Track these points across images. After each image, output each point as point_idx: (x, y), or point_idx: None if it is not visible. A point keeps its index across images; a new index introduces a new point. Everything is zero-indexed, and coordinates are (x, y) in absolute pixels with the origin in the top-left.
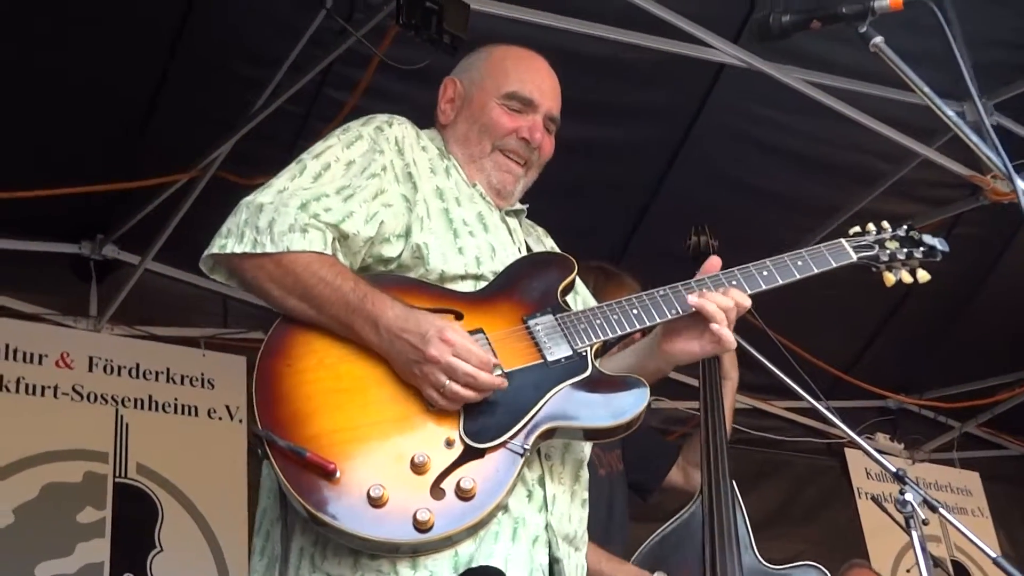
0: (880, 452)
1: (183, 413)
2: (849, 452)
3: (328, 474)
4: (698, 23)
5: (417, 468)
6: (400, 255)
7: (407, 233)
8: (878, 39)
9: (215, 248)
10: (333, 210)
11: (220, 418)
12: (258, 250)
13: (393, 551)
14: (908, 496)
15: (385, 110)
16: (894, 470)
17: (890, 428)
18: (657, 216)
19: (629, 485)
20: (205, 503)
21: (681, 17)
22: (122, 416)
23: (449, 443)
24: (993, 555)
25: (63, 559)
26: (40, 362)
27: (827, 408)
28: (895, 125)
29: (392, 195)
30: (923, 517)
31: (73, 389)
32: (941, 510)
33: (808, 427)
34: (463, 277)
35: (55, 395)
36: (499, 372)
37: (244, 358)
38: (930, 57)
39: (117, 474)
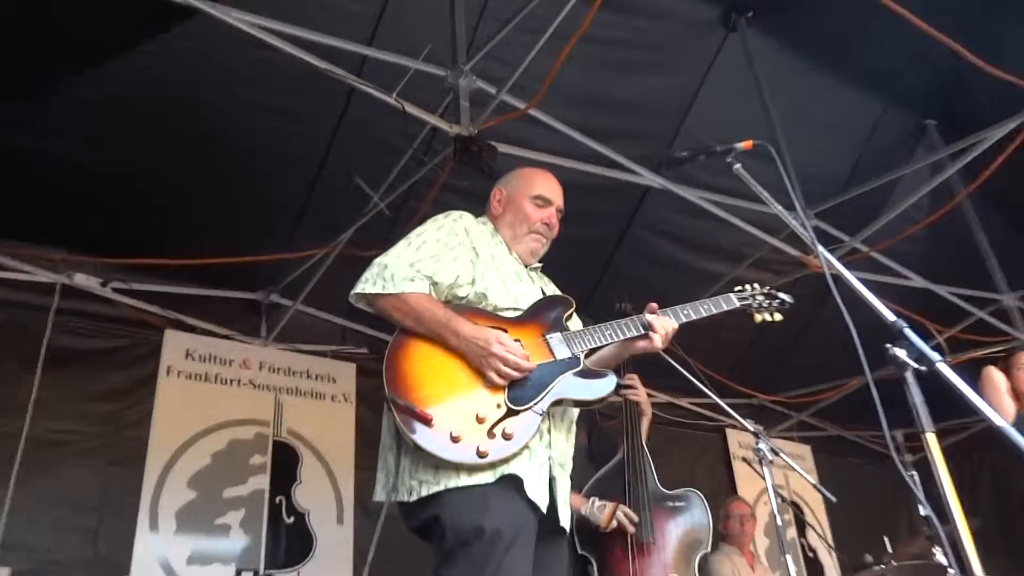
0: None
1: (316, 398)
2: (728, 431)
3: (427, 421)
4: (634, 160)
5: (479, 420)
6: (468, 295)
7: (473, 282)
8: (737, 166)
9: (358, 289)
10: (428, 267)
11: (339, 402)
12: (385, 291)
13: (458, 468)
14: (761, 445)
15: (443, 211)
16: (752, 430)
17: (754, 416)
18: (607, 282)
19: (590, 457)
20: (328, 453)
21: (624, 157)
22: (279, 399)
23: (498, 406)
24: (813, 481)
25: (240, 486)
26: (230, 364)
27: (720, 400)
28: (755, 225)
29: (464, 260)
30: (771, 459)
31: (250, 382)
32: (782, 454)
33: (702, 414)
34: (508, 309)
35: (238, 385)
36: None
37: (355, 364)
38: (777, 186)
39: (275, 435)
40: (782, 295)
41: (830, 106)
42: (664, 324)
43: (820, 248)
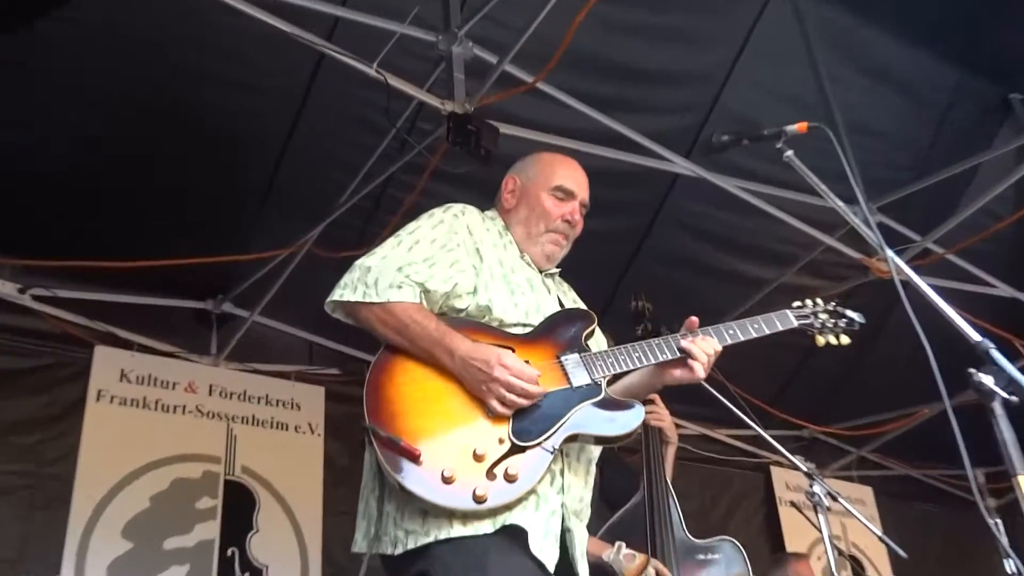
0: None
1: (277, 428)
2: (773, 469)
3: (414, 458)
4: (661, 143)
5: (478, 458)
6: (468, 307)
7: (474, 292)
8: (789, 152)
9: (335, 296)
10: (420, 273)
11: (304, 432)
12: (367, 300)
13: (451, 514)
14: (816, 488)
15: (436, 205)
16: (806, 469)
17: (804, 452)
18: (627, 287)
19: (602, 496)
20: (291, 496)
21: (649, 139)
22: (232, 429)
23: (500, 441)
24: (877, 532)
25: (184, 536)
26: (173, 387)
27: (764, 432)
28: (806, 221)
29: (464, 264)
30: (827, 504)
31: (196, 408)
32: (841, 499)
33: (742, 449)
34: (516, 324)
35: (183, 413)
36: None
37: (323, 388)
38: (834, 173)
39: (227, 473)
40: (850, 313)
41: (896, 78)
42: (705, 347)
43: (888, 250)
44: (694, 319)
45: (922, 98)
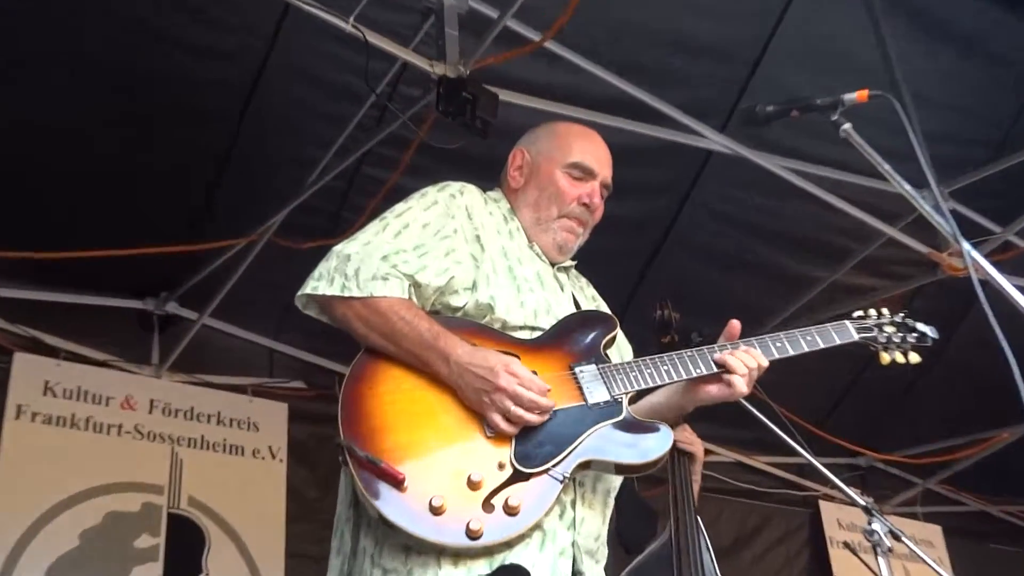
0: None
1: (231, 452)
2: (823, 504)
3: (397, 482)
4: (690, 114)
5: (473, 485)
6: (465, 305)
7: (473, 287)
8: (847, 125)
9: (308, 289)
10: (410, 263)
11: (263, 458)
12: (345, 294)
13: (440, 552)
14: (875, 526)
15: (422, 186)
16: (863, 503)
17: (860, 483)
18: (651, 283)
19: (617, 534)
20: (247, 533)
21: (677, 109)
22: (177, 453)
23: (501, 466)
24: None
25: None
26: (107, 403)
27: (814, 459)
28: (862, 208)
29: (461, 254)
30: (888, 545)
31: (135, 428)
32: (904, 538)
33: (785, 480)
34: (522, 327)
35: (119, 433)
36: None
37: (286, 404)
38: (894, 153)
39: (171, 505)
40: (922, 326)
41: (970, 38)
42: (747, 360)
43: (964, 242)
44: (735, 324)
45: (1003, 62)
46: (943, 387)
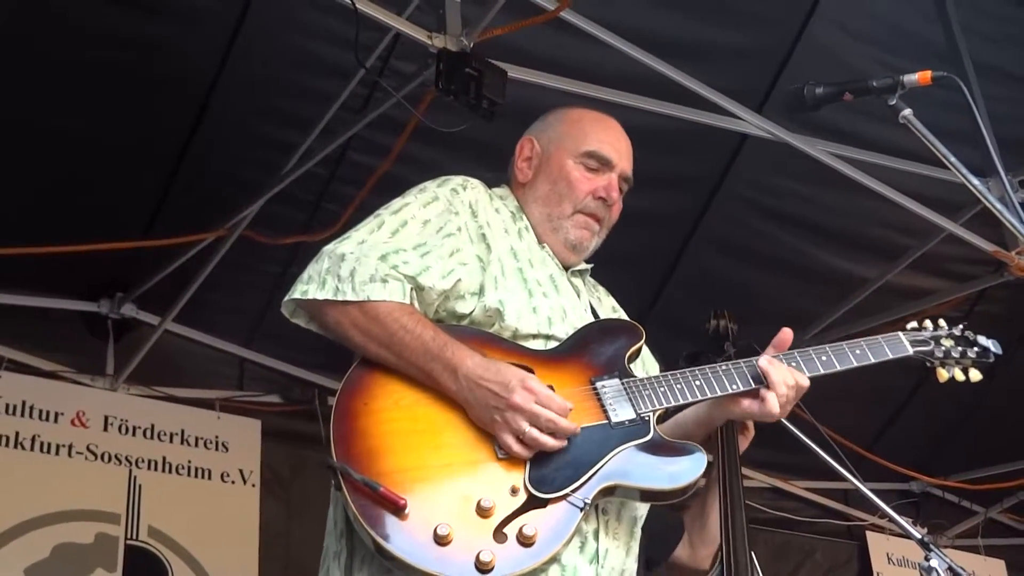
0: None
1: (196, 476)
2: (870, 535)
3: (398, 509)
4: (723, 93)
5: (483, 512)
6: (472, 312)
7: (480, 291)
8: (907, 111)
9: (296, 293)
10: (411, 263)
11: (233, 482)
12: (339, 298)
13: None
14: (934, 563)
15: (416, 176)
16: (919, 536)
17: (913, 511)
18: (677, 284)
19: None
20: (214, 568)
21: (707, 87)
22: (135, 477)
23: (514, 491)
24: None
25: None
26: (55, 420)
27: (862, 485)
28: (919, 199)
29: (467, 255)
30: None
31: (88, 448)
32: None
33: (828, 508)
34: (535, 336)
35: (69, 454)
36: None
37: (259, 421)
38: (955, 136)
39: (129, 536)
40: (984, 340)
41: None
42: (786, 377)
43: None
44: (787, 333)
45: None
46: (1008, 405)
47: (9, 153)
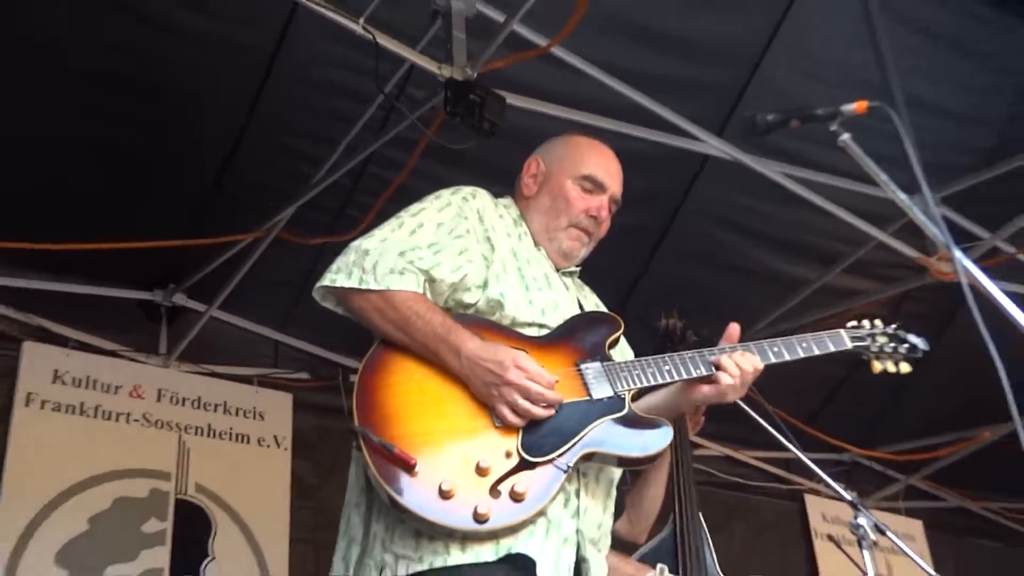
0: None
1: (237, 441)
2: (808, 497)
3: (409, 467)
4: (688, 119)
5: (481, 471)
6: (477, 302)
7: (484, 285)
8: (845, 136)
9: (327, 281)
10: (425, 259)
11: (268, 446)
12: (363, 286)
13: (449, 535)
14: (861, 520)
15: (427, 187)
16: (849, 498)
17: (844, 478)
18: (644, 294)
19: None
20: (252, 519)
21: (674, 114)
22: (184, 441)
23: (508, 455)
24: (931, 572)
25: (128, 563)
26: (116, 392)
27: (802, 453)
28: (854, 212)
29: (473, 254)
30: (873, 539)
31: (143, 416)
32: (889, 533)
33: (772, 474)
34: (530, 324)
35: (127, 421)
36: None
37: (291, 395)
38: (886, 158)
39: (178, 491)
40: (913, 338)
41: (966, 43)
42: (742, 363)
43: (955, 249)
44: (735, 327)
45: (1001, 68)
46: (929, 387)
47: (83, 165)
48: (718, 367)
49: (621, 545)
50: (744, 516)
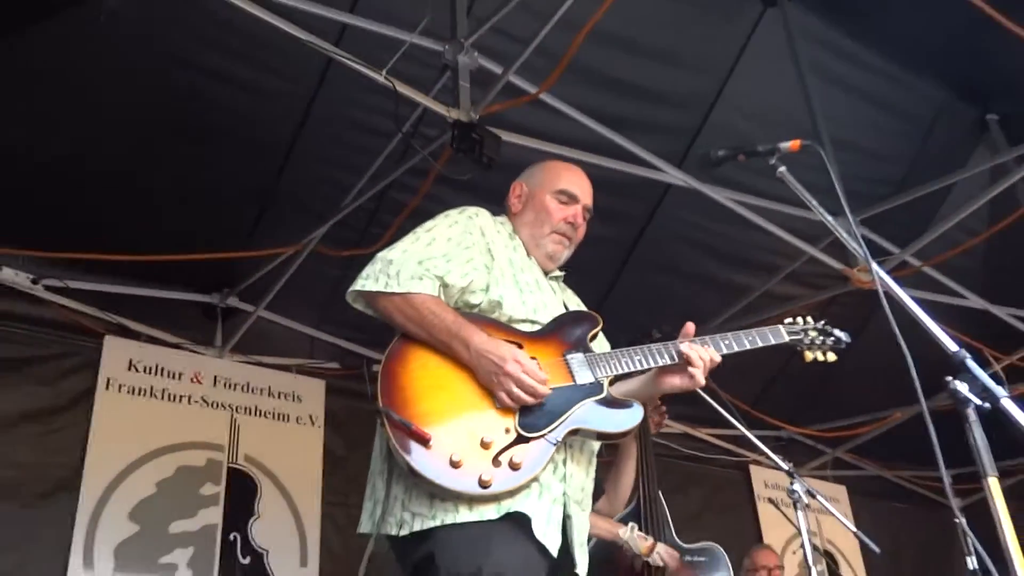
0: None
1: (279, 419)
2: (752, 468)
3: (424, 441)
4: (654, 154)
5: (485, 445)
6: (480, 303)
7: (487, 288)
8: (782, 168)
9: (358, 286)
10: (439, 267)
11: (305, 424)
12: (388, 290)
13: (458, 498)
14: (796, 486)
15: (437, 209)
16: (787, 468)
17: (782, 452)
18: (617, 297)
19: None
20: (291, 484)
21: (641, 148)
22: (235, 419)
23: (507, 431)
24: (853, 528)
25: (189, 520)
26: (179, 378)
27: (748, 431)
28: (790, 232)
29: (478, 263)
30: (805, 501)
31: (202, 398)
32: (819, 497)
33: (723, 448)
34: (524, 321)
35: (188, 402)
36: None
37: (324, 381)
38: (816, 186)
39: (230, 460)
40: (838, 332)
41: (881, 96)
42: (704, 355)
43: (872, 262)
44: (691, 325)
45: (906, 116)
46: (851, 376)
47: (155, 190)
48: (683, 356)
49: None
50: (699, 482)
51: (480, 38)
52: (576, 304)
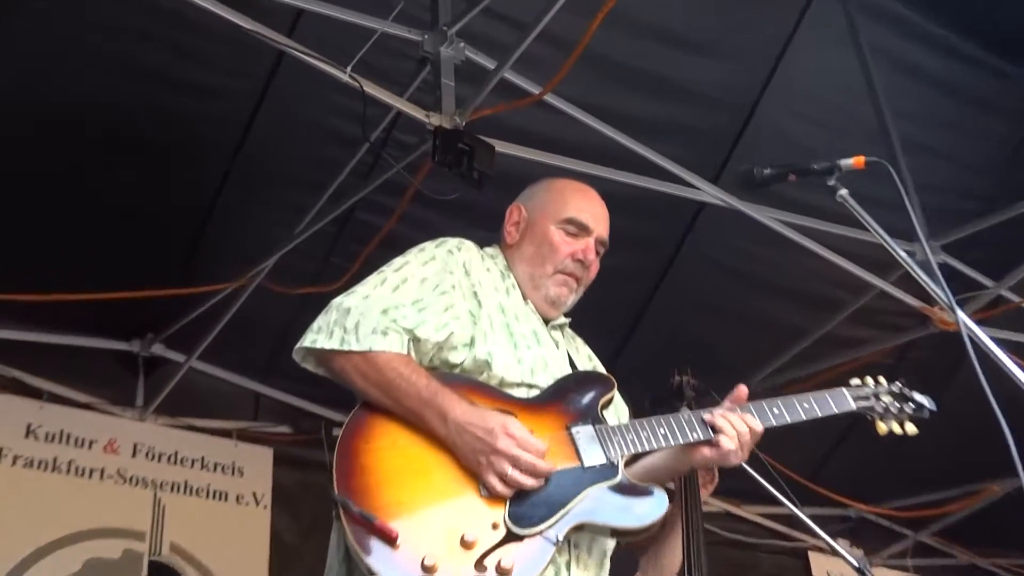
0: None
1: (214, 498)
2: (812, 555)
3: (391, 540)
4: (684, 166)
5: (466, 544)
6: (463, 361)
7: (471, 343)
8: (843, 191)
9: (307, 342)
10: (409, 317)
11: (247, 504)
12: (345, 347)
13: None
14: None
15: (416, 237)
16: (854, 561)
17: (849, 535)
18: (639, 344)
19: None
20: None
21: (669, 161)
22: (160, 499)
23: (494, 526)
24: None
25: None
26: (89, 447)
27: (801, 512)
28: (855, 260)
29: (460, 310)
30: None
31: (118, 472)
32: None
33: (775, 531)
34: (519, 385)
35: (101, 477)
36: None
37: (271, 449)
38: (886, 203)
39: (152, 552)
40: (918, 397)
41: (965, 88)
42: (738, 424)
43: (958, 309)
44: (743, 390)
45: (997, 112)
46: (935, 438)
47: (58, 213)
48: (716, 429)
49: None
50: (746, 574)
51: (468, 24)
52: (586, 359)
